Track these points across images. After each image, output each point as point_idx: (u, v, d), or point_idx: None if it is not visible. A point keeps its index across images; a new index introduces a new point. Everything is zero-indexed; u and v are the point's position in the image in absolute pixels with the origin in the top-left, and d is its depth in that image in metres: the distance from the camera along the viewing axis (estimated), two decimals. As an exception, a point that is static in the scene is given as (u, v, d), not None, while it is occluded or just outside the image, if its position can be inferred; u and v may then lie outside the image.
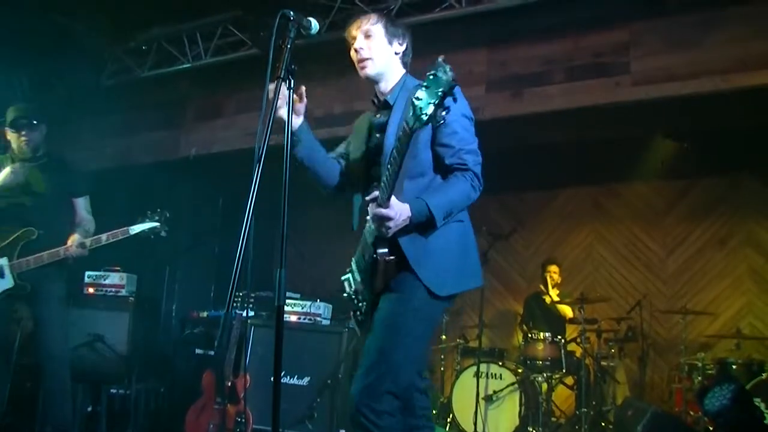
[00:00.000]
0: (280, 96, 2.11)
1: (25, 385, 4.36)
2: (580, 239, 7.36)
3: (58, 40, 5.56)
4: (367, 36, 2.44)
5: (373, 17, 2.47)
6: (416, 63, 2.55)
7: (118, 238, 3.76)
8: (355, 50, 2.44)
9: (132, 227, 3.76)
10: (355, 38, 2.46)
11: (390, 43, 2.49)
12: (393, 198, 2.16)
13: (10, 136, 3.96)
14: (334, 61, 5.40)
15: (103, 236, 3.79)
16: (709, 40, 4.27)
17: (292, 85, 2.00)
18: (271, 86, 2.11)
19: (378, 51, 2.44)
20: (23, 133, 3.94)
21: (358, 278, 2.45)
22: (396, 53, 2.51)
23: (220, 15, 5.43)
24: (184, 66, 5.78)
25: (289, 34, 2.02)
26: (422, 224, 2.24)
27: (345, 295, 2.54)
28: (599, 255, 7.23)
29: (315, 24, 2.22)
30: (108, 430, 4.94)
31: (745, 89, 4.17)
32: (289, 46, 1.99)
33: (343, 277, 2.57)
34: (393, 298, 2.28)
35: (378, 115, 2.50)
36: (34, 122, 3.97)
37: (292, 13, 2.05)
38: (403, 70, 2.56)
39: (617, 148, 6.18)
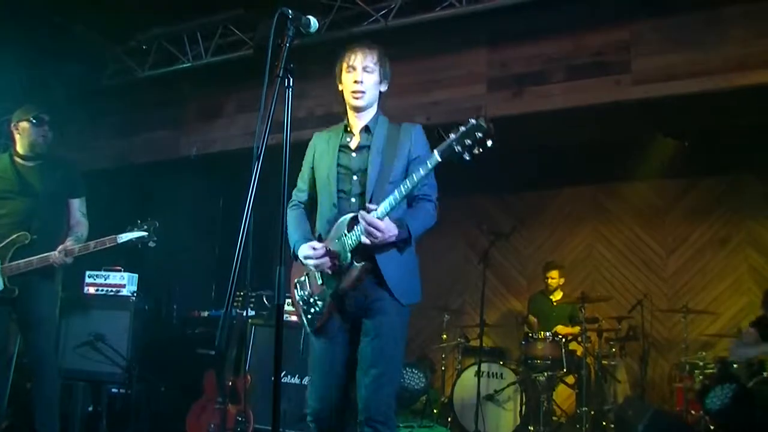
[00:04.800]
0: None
1: (25, 386, 4.36)
2: (580, 238, 7.36)
3: (58, 40, 5.55)
4: (366, 71, 2.67)
5: (376, 55, 2.71)
6: (417, 61, 2.57)
7: (105, 246, 3.76)
8: (355, 81, 2.66)
9: (120, 236, 3.76)
10: (354, 69, 2.67)
11: (380, 82, 2.75)
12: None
13: (26, 130, 3.94)
14: (334, 60, 5.41)
15: (91, 243, 3.78)
16: (710, 39, 4.26)
17: (291, 84, 1.99)
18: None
19: (372, 87, 2.70)
20: (45, 128, 3.96)
21: (319, 280, 2.63)
22: (380, 91, 2.78)
23: (221, 14, 5.42)
24: (185, 65, 5.77)
25: (287, 32, 2.01)
26: (398, 244, 2.55)
27: (298, 296, 2.71)
28: (600, 254, 7.23)
29: (314, 22, 2.22)
30: (109, 429, 4.94)
31: (745, 88, 4.16)
32: (287, 44, 1.98)
33: (296, 280, 2.74)
34: (379, 323, 2.56)
35: (350, 138, 2.74)
36: (51, 121, 4.00)
37: (290, 11, 2.05)
38: (377, 106, 2.81)
39: (618, 147, 6.18)
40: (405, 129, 2.76)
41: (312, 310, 2.61)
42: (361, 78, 2.66)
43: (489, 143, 2.28)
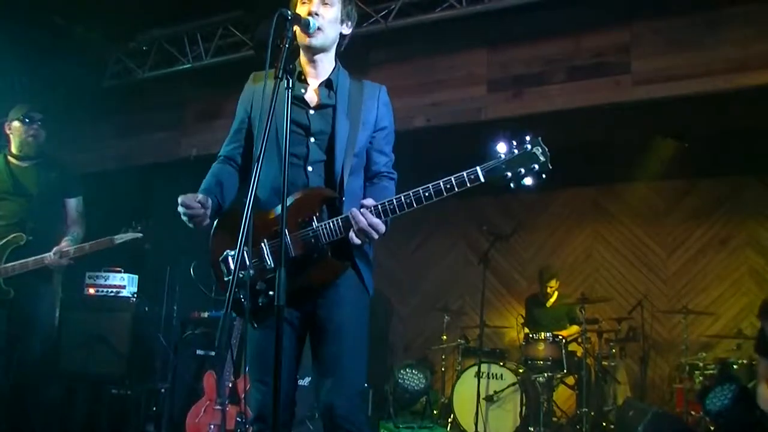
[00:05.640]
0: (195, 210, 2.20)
1: (24, 387, 4.35)
2: (580, 240, 7.35)
3: (58, 41, 5.56)
4: (325, 4, 2.27)
5: None
6: (417, 62, 2.54)
7: (101, 248, 3.77)
8: (309, 13, 2.23)
9: (116, 237, 3.78)
10: (311, 0, 2.27)
11: (342, 22, 2.35)
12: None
13: (17, 129, 3.94)
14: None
15: (86, 245, 3.78)
16: (710, 40, 4.27)
17: (290, 85, 1.99)
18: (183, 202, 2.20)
19: (330, 24, 2.29)
20: (35, 127, 3.95)
21: (269, 264, 2.16)
22: (341, 34, 2.37)
23: (221, 15, 5.43)
24: (185, 67, 5.78)
25: (287, 33, 2.01)
26: None
27: (241, 275, 2.03)
28: (600, 255, 7.22)
29: (314, 23, 2.21)
30: (109, 430, 4.94)
31: (745, 89, 4.17)
32: (287, 45, 1.98)
33: (227, 253, 2.23)
34: (340, 317, 2.21)
35: (304, 90, 2.32)
36: (43, 120, 3.99)
37: (290, 12, 2.04)
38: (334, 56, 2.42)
39: (618, 148, 6.18)
40: (369, 90, 2.36)
41: (261, 300, 2.14)
42: (317, 9, 2.24)
43: (543, 177, 2.11)
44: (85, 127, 6.57)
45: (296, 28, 2.20)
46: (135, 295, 5.22)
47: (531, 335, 5.85)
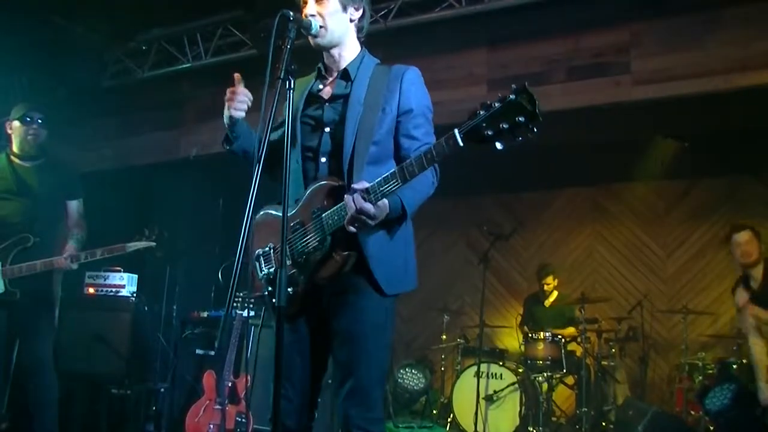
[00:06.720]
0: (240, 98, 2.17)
1: (24, 388, 4.36)
2: (580, 239, 7.36)
3: (58, 41, 5.56)
4: (319, 0, 2.21)
5: None
6: (417, 62, 2.52)
7: (113, 254, 3.79)
8: (306, 14, 2.20)
9: (128, 245, 3.80)
10: (306, 1, 2.23)
11: (345, 8, 2.24)
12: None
13: (17, 129, 3.92)
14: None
15: (98, 251, 3.77)
16: (710, 40, 4.27)
17: (292, 86, 1.99)
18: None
19: (331, 17, 2.21)
20: (34, 127, 3.92)
21: (288, 260, 2.12)
22: (351, 20, 2.28)
23: (220, 15, 5.43)
24: (184, 66, 5.78)
25: (288, 34, 2.00)
26: (389, 221, 2.09)
27: (262, 273, 2.22)
28: (600, 255, 7.23)
29: (315, 24, 2.20)
30: (108, 430, 4.94)
31: (745, 89, 4.17)
32: (288, 46, 1.98)
33: (258, 251, 2.26)
34: (354, 321, 2.14)
35: (322, 85, 2.32)
36: (44, 120, 3.98)
37: (291, 13, 2.04)
38: (358, 43, 2.35)
39: (618, 148, 6.18)
40: (394, 73, 2.25)
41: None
42: (313, 10, 2.19)
43: (535, 130, 1.72)
44: (85, 127, 6.57)
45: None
46: (135, 295, 5.22)
47: (530, 335, 5.85)
